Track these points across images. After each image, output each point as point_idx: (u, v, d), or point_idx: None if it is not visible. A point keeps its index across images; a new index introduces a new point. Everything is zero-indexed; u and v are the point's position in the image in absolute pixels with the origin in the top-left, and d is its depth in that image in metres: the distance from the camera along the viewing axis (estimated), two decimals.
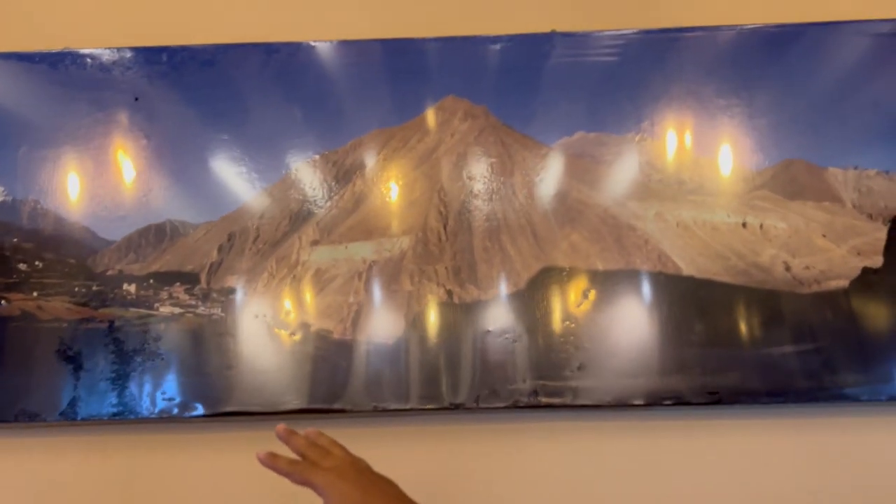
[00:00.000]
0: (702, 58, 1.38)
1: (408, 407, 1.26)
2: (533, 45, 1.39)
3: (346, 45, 1.39)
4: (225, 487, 1.27)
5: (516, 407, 1.25)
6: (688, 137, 1.35)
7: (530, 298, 1.29)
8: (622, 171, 1.34)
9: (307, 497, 0.93)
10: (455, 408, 1.25)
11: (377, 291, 1.30)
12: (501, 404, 1.24)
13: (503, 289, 1.29)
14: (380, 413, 1.26)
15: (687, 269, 1.29)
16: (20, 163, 1.36)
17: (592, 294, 1.29)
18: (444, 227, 1.33)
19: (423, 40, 1.39)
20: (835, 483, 1.25)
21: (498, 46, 1.39)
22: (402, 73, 1.38)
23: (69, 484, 1.27)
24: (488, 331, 1.28)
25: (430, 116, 1.37)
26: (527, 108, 1.37)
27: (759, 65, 1.37)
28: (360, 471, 0.76)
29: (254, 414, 1.25)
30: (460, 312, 1.29)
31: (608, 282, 1.29)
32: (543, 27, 1.39)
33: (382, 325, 1.29)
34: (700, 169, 1.35)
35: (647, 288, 1.29)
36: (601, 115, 1.36)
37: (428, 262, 1.31)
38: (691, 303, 1.28)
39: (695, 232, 1.31)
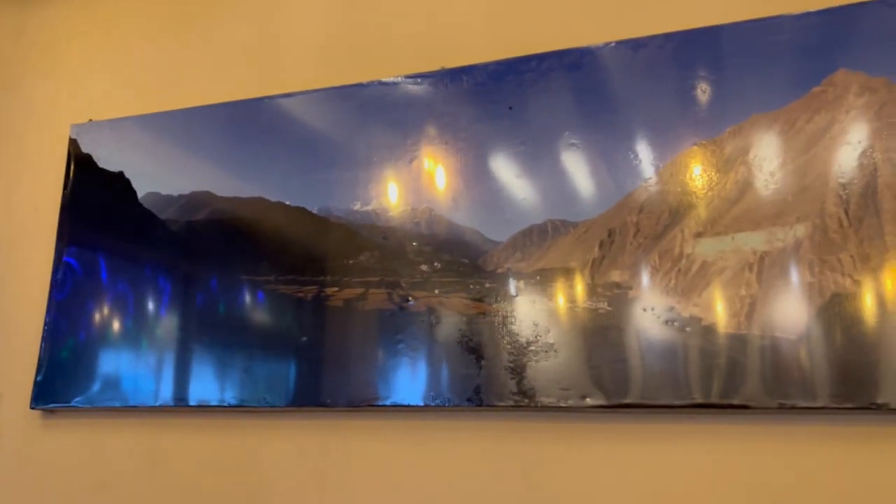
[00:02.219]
0: None
1: (817, 405, 1.18)
2: None
3: (719, 30, 1.35)
4: (617, 475, 1.30)
5: None
6: None
7: None
8: None
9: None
10: (876, 408, 1.15)
11: (772, 283, 1.24)
12: None
13: None
14: (785, 410, 1.20)
15: None
16: (413, 174, 1.52)
17: None
18: (846, 213, 1.23)
19: (805, 14, 1.30)
20: None
21: (894, 9, 1.25)
22: (783, 52, 1.31)
23: (473, 466, 1.39)
24: None
25: (820, 94, 1.28)
26: None
27: None
28: None
29: (649, 407, 1.27)
30: (874, 304, 1.18)
31: None
32: None
33: (781, 319, 1.23)
34: None
35: None
36: None
37: (829, 251, 1.22)
38: None
39: None
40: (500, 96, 1.48)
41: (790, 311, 1.23)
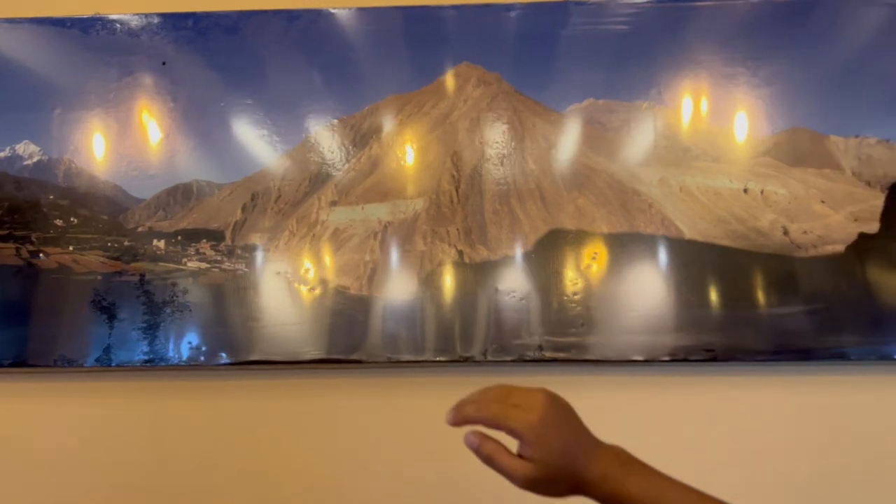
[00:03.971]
0: (712, 28, 1.41)
1: (421, 359, 1.33)
2: (548, 14, 1.42)
3: (365, 12, 1.44)
4: (246, 430, 1.36)
5: (523, 361, 1.32)
6: (695, 106, 1.40)
7: (538, 259, 1.35)
8: (629, 138, 1.39)
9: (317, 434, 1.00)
10: (465, 361, 1.32)
11: (392, 251, 1.37)
12: (509, 358, 1.32)
13: (512, 250, 1.36)
14: (394, 364, 1.34)
15: (689, 233, 1.34)
16: (55, 124, 1.43)
17: (598, 256, 1.35)
18: (457, 191, 1.39)
19: (441, 7, 1.43)
20: (824, 437, 1.32)
21: (514, 14, 1.43)
22: (418, 40, 1.43)
23: (103, 425, 1.36)
24: (497, 289, 1.34)
25: (445, 83, 1.42)
26: (540, 75, 1.41)
27: (767, 35, 1.40)
28: (556, 418, 0.75)
29: (275, 363, 1.34)
30: (471, 272, 1.36)
31: (613, 244, 1.35)
32: None
33: (397, 283, 1.36)
34: (706, 136, 1.39)
35: (650, 250, 1.34)
36: (612, 82, 1.40)
37: (440, 223, 1.38)
38: (692, 265, 1.34)
39: (697, 197, 1.36)
40: (153, 50, 1.44)
41: (405, 276, 1.36)
